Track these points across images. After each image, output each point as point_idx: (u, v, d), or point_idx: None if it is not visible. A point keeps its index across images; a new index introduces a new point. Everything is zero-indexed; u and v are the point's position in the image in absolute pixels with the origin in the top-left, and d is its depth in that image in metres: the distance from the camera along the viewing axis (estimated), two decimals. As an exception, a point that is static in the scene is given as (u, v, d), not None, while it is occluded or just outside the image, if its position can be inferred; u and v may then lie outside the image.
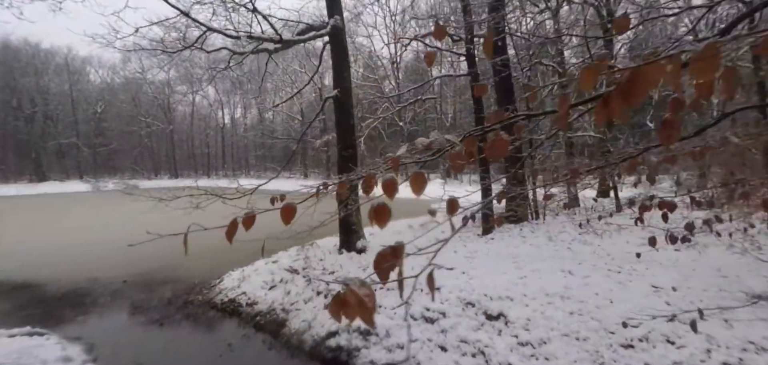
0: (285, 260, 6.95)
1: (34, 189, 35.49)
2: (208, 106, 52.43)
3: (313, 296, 5.57)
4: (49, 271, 8.54)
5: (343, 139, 6.53)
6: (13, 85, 40.22)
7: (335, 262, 6.17)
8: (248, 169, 50.70)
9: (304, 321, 5.20)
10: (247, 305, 6.08)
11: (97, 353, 4.77)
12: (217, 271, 8.21)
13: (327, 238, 8.59)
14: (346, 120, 6.54)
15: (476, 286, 4.59)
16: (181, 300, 6.68)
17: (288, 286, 6.00)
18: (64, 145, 43.93)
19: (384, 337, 4.43)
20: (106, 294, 7.13)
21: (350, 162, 6.54)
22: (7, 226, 16.36)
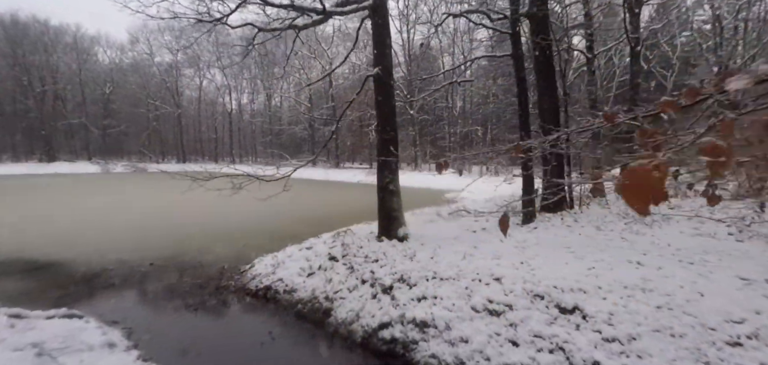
0: (320, 247, 6.69)
1: (45, 169, 35.49)
2: (216, 91, 52.03)
3: (357, 284, 5.30)
4: (73, 252, 8.34)
5: (385, 121, 6.19)
6: (22, 62, 40.00)
7: (377, 250, 5.89)
8: (256, 156, 50.48)
9: (350, 310, 4.94)
10: (285, 292, 5.83)
11: (136, 338, 4.54)
12: (244, 257, 8.00)
13: (360, 225, 8.34)
14: (388, 100, 6.19)
15: (541, 277, 4.29)
16: (213, 286, 6.45)
17: (328, 274, 5.74)
18: (73, 125, 43.85)
19: (444, 330, 4.16)
20: (135, 277, 6.92)
21: (392, 145, 6.21)
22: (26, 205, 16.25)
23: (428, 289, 4.72)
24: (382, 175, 6.26)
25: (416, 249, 5.71)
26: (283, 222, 12.07)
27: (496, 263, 4.84)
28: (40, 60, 41.56)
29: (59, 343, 3.35)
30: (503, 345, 3.75)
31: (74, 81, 44.62)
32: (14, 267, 7.31)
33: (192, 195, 12.11)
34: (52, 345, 3.24)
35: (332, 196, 17.58)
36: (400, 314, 4.54)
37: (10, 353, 2.85)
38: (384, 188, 6.24)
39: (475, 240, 6.17)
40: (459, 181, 27.63)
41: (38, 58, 41.46)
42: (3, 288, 6.02)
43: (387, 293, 4.94)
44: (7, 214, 13.71)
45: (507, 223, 1.67)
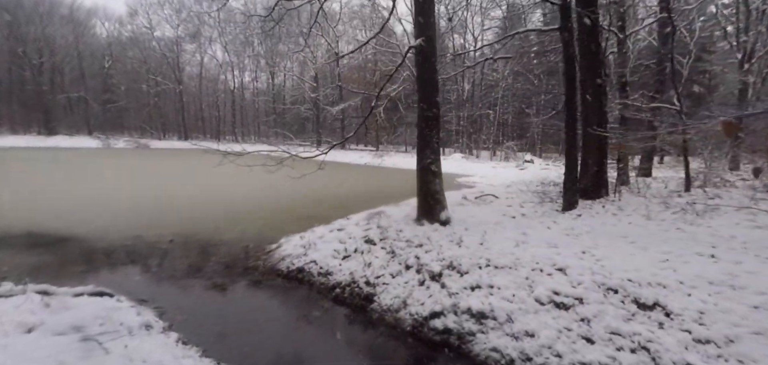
0: (352, 229, 6.37)
1: (44, 142, 34.85)
2: (218, 67, 51.04)
3: (401, 270, 5.00)
4: (88, 226, 8.00)
5: (427, 97, 5.78)
6: (18, 32, 38.93)
7: (419, 234, 5.56)
8: (259, 135, 49.86)
9: (396, 297, 4.65)
10: (320, 275, 5.53)
11: (169, 319, 4.24)
12: (265, 236, 7.71)
13: (392, 206, 8.02)
14: (431, 74, 5.76)
15: (611, 269, 3.99)
16: (240, 265, 6.15)
17: (366, 257, 5.43)
18: (72, 99, 43.03)
19: (505, 322, 3.87)
20: (156, 254, 6.60)
21: (434, 123, 5.83)
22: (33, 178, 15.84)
23: (482, 278, 4.41)
24: (423, 155, 5.89)
25: (462, 235, 5.39)
26: (297, 202, 11.74)
27: (555, 252, 4.53)
28: (37, 31, 40.43)
29: (98, 325, 3.03)
30: (576, 341, 3.46)
31: (72, 54, 43.54)
32: (29, 240, 6.97)
33: (199, 172, 11.55)
34: (92, 327, 2.92)
35: (343, 177, 17.19)
36: (453, 303, 4.25)
37: (54, 337, 2.54)
38: (425, 169, 5.87)
39: (520, 226, 5.86)
40: (467, 165, 27.32)
41: (34, 29, 40.32)
42: (20, 262, 5.69)
43: (436, 280, 4.64)
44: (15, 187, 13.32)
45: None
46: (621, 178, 9.65)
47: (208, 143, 41.73)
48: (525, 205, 7.65)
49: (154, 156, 30.75)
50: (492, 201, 8.73)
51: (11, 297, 3.24)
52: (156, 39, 46.88)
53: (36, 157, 25.16)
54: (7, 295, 3.27)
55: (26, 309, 2.83)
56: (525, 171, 22.87)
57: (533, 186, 11.53)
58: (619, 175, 9.76)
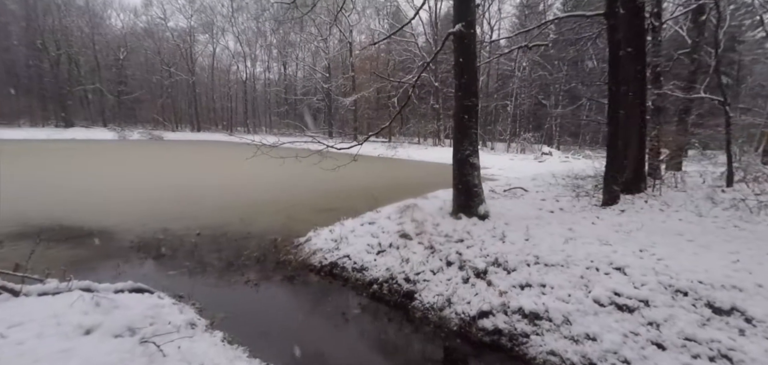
0: (384, 222, 6.19)
1: (62, 134, 35.37)
2: (230, 58, 51.07)
3: (442, 266, 4.81)
4: (115, 219, 7.99)
5: (466, 86, 5.52)
6: (36, 24, 39.37)
7: (459, 229, 5.36)
8: (270, 126, 49.92)
9: (439, 295, 4.47)
10: (355, 270, 5.38)
11: (210, 316, 4.13)
12: (291, 229, 7.61)
13: (421, 199, 7.83)
14: (470, 61, 5.49)
15: (677, 270, 3.74)
16: (271, 260, 6.04)
17: (403, 253, 5.25)
18: (88, 91, 43.55)
19: (562, 324, 3.67)
20: (185, 247, 6.53)
21: (473, 113, 5.58)
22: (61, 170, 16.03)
23: (532, 276, 4.21)
24: (461, 147, 5.65)
25: (504, 230, 5.17)
26: (318, 194, 11.63)
27: (610, 250, 4.29)
28: (54, 23, 40.83)
29: (149, 325, 2.92)
30: (645, 347, 3.24)
31: (88, 45, 43.91)
32: (61, 233, 6.96)
33: (216, 163, 11.49)
34: (143, 327, 2.80)
35: (359, 170, 16.93)
36: (502, 302, 4.06)
37: (113, 340, 2.42)
38: (463, 161, 5.64)
39: (562, 221, 5.61)
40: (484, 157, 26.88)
41: (51, 20, 40.72)
42: (56, 256, 5.66)
43: (481, 277, 4.45)
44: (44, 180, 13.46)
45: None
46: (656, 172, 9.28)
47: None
48: (560, 199, 7.37)
49: (169, 148, 30.98)
50: (522, 194, 8.46)
51: (59, 295, 3.15)
52: (170, 29, 47.04)
53: (57, 148, 25.53)
54: (55, 292, 3.18)
55: (79, 308, 2.72)
56: (543, 163, 22.41)
57: (560, 179, 11.21)
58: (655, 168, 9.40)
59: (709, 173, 9.89)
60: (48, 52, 40.01)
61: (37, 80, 40.73)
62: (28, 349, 2.17)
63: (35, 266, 3.91)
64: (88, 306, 2.78)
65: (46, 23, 40.09)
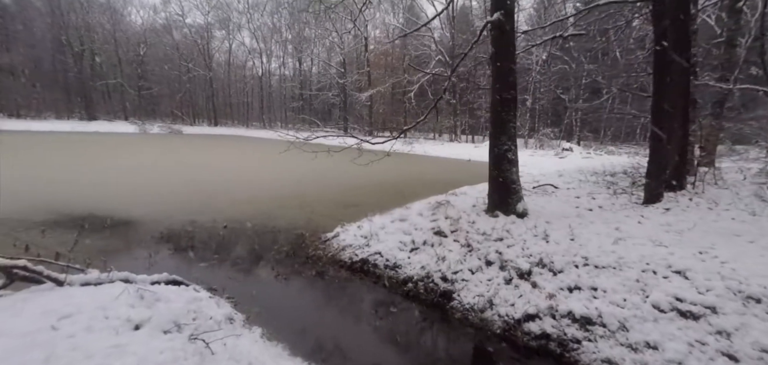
0: (416, 219, 6.03)
1: (86, 127, 36.26)
2: (246, 54, 51.51)
3: (481, 265, 4.63)
4: (143, 210, 8.04)
5: (503, 77, 5.30)
6: (61, 21, 40.36)
7: (497, 227, 5.16)
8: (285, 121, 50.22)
9: (479, 295, 4.29)
10: (387, 267, 5.23)
11: (246, 311, 4.05)
12: (317, 224, 7.53)
13: (450, 195, 7.64)
14: (508, 53, 5.26)
15: (746, 274, 3.48)
16: (301, 255, 5.94)
17: (438, 250, 5.08)
18: (109, 85, 44.53)
19: (617, 330, 3.45)
20: (213, 240, 6.50)
21: (511, 106, 5.35)
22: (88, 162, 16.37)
23: (582, 278, 3.99)
24: (498, 141, 5.43)
25: (546, 228, 4.96)
26: (340, 189, 11.54)
27: (666, 252, 4.04)
28: (78, 19, 41.80)
29: (192, 319, 2.83)
30: (714, 358, 3.00)
31: (109, 41, 44.85)
32: (93, 223, 7.02)
33: (235, 157, 11.44)
34: (187, 322, 2.72)
35: (377, 166, 16.70)
36: (550, 305, 3.85)
37: (162, 336, 2.34)
38: (501, 156, 5.42)
39: (605, 219, 5.35)
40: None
41: (75, 17, 41.69)
42: (90, 245, 5.66)
43: (525, 279, 4.25)
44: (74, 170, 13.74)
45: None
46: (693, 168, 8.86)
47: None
48: (596, 197, 7.07)
49: (189, 141, 31.43)
50: (553, 191, 8.18)
51: (101, 285, 3.09)
52: (187, 26, 47.68)
53: (82, 140, 26.14)
54: (96, 283, 3.12)
55: (125, 301, 2.65)
56: (564, 159, 21.88)
57: (588, 175, 10.85)
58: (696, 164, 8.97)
59: (745, 169, 9.43)
60: (72, 47, 41.00)
61: (62, 75, 41.78)
62: (81, 343, 2.09)
63: (72, 255, 3.89)
64: (133, 299, 2.71)
65: (70, 20, 41.04)
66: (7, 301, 2.49)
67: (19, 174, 11.88)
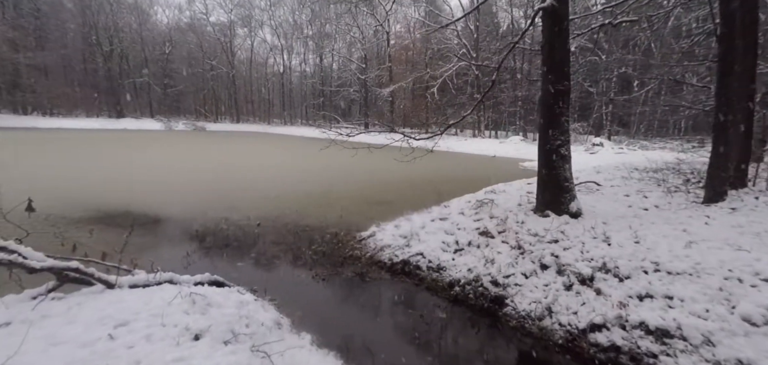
0: (457, 218, 5.76)
1: (115, 125, 37.41)
2: (268, 51, 52.04)
3: (535, 269, 4.32)
4: (177, 207, 8.08)
5: (556, 67, 4.94)
6: (91, 21, 41.68)
7: (549, 227, 4.83)
8: (306, 118, 50.54)
9: (535, 302, 3.99)
10: (430, 270, 4.99)
11: (289, 313, 3.88)
12: (350, 222, 7.36)
13: (489, 193, 7.33)
14: (562, 42, 4.90)
15: None
16: (337, 255, 5.77)
17: (485, 252, 4.80)
18: (137, 84, 45.81)
19: (701, 345, 3.10)
20: (248, 239, 6.40)
21: (564, 98, 4.99)
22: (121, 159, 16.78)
23: (653, 285, 3.64)
24: (550, 136, 5.08)
25: (604, 230, 4.61)
26: (369, 185, 11.36)
27: (751, 257, 3.64)
28: (107, 20, 43.10)
29: (244, 326, 2.68)
30: (829, 381, 2.63)
31: (136, 40, 46.11)
32: (129, 220, 7.05)
33: (261, 153, 11.27)
34: (242, 330, 2.56)
35: (399, 163, 16.35)
36: (619, 315, 3.53)
37: (224, 348, 2.17)
38: (553, 152, 5.08)
39: (667, 220, 4.95)
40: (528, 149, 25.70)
41: (104, 17, 43.01)
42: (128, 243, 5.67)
43: (587, 285, 3.93)
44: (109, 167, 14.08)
45: None
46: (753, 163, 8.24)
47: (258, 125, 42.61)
48: (648, 195, 6.61)
49: (213, 138, 31.96)
50: (597, 189, 7.74)
51: (148, 287, 2.98)
52: (211, 24, 48.50)
53: (112, 137, 26.93)
54: (144, 285, 3.02)
55: (179, 307, 2.51)
56: (595, 155, 21.08)
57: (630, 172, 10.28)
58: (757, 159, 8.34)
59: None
60: (101, 47, 42.32)
61: (92, 74, 43.21)
62: (142, 355, 1.95)
63: (112, 252, 3.81)
64: (186, 304, 2.57)
65: (100, 20, 42.35)
66: (61, 305, 2.39)
67: (56, 171, 12.23)
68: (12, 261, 2.33)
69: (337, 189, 10.77)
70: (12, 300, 2.43)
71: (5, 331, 2.06)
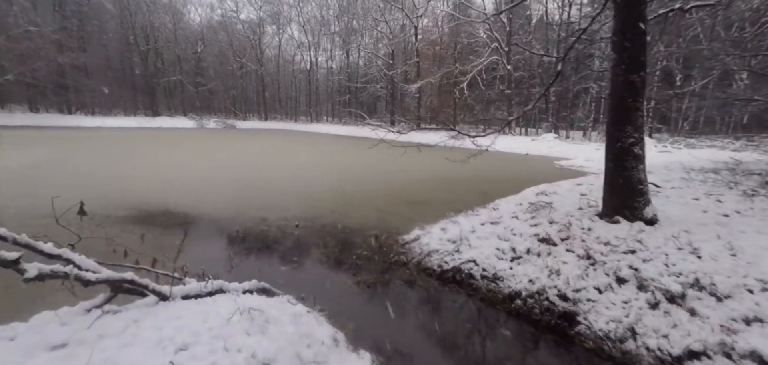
0: (511, 222, 5.35)
1: (151, 123, 38.80)
2: (296, 48, 52.56)
3: (610, 283, 3.87)
4: (215, 206, 8.06)
5: (630, 56, 4.42)
6: (129, 21, 43.37)
7: (622, 235, 4.35)
8: (332, 115, 50.75)
9: (615, 321, 3.55)
10: (485, 279, 4.62)
11: (341, 326, 3.63)
12: (389, 224, 7.09)
13: (537, 195, 6.87)
14: (635, 30, 4.39)
15: None
16: (382, 260, 5.48)
17: (548, 261, 4.38)
18: (170, 82, 47.38)
19: (837, 384, 2.59)
20: (288, 240, 6.23)
21: (639, 91, 4.48)
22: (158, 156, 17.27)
23: (762, 307, 3.14)
24: (622, 133, 4.57)
25: (690, 239, 4.09)
26: (403, 184, 11.04)
27: None
28: (144, 19, 44.73)
29: (306, 346, 2.43)
30: None
31: (171, 39, 47.67)
32: (169, 219, 7.08)
33: (289, 153, 10.95)
34: (305, 352, 2.31)
35: (432, 160, 15.84)
36: (722, 341, 3.05)
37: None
38: (625, 151, 4.57)
39: (758, 228, 4.36)
40: (562, 147, 24.64)
41: (141, 17, 44.69)
42: (169, 244, 5.61)
43: (677, 304, 3.45)
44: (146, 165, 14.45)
45: None
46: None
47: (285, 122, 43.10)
48: (723, 199, 5.95)
49: (244, 135, 32.55)
50: (657, 191, 7.09)
51: (201, 299, 2.79)
52: (241, 21, 49.49)
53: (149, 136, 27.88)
54: (196, 295, 2.83)
55: (239, 327, 2.29)
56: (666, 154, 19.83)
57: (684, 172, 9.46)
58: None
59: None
60: (138, 46, 44.00)
61: (129, 73, 45.05)
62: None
63: (149, 252, 3.68)
64: (246, 323, 2.34)
65: (137, 20, 44.02)
66: (117, 323, 2.21)
67: (98, 170, 12.61)
68: (68, 273, 2.17)
69: (370, 188, 10.52)
70: (66, 314, 2.28)
71: (63, 353, 1.90)
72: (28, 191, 8.58)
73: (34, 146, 18.09)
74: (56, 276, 2.13)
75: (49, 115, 35.81)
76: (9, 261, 2.01)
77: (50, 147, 18.14)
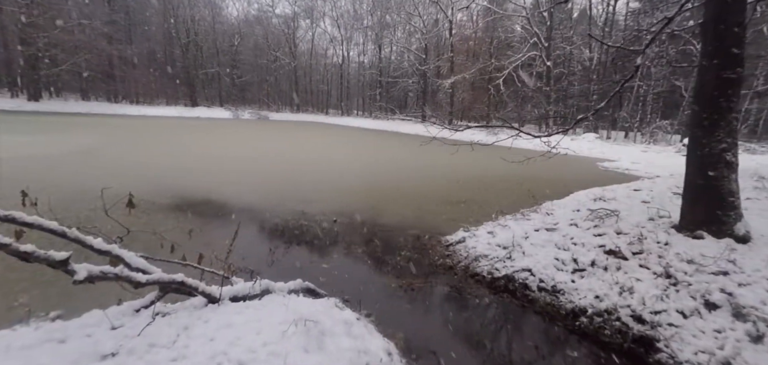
0: (570, 230, 4.90)
1: (190, 113, 40.27)
2: (328, 42, 52.91)
3: (697, 307, 3.39)
4: (255, 196, 8.09)
5: (724, 48, 3.84)
6: (172, 14, 45.12)
7: (709, 253, 3.83)
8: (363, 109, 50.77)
9: (706, 353, 3.08)
10: (542, 291, 4.23)
11: (390, 334, 3.37)
12: (429, 223, 6.82)
13: (590, 200, 6.34)
14: (735, 16, 3.81)
15: None
16: (426, 262, 5.20)
17: (617, 277, 3.93)
18: (209, 74, 48.98)
19: None
20: (327, 236, 6.05)
21: (732, 90, 3.91)
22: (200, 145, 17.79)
23: None
24: (712, 137, 3.99)
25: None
26: (440, 183, 10.67)
27: None
28: (185, 13, 46.38)
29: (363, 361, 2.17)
30: None
31: (209, 32, 49.21)
32: (211, 209, 7.11)
33: (324, 145, 10.52)
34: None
35: (467, 158, 15.20)
36: None
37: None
38: (715, 157, 4.00)
39: None
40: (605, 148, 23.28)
41: (183, 11, 46.36)
42: (212, 237, 5.58)
43: (787, 339, 2.94)
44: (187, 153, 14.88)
45: None
46: None
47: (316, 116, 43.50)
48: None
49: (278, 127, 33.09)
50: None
51: (249, 301, 2.62)
52: (276, 16, 50.36)
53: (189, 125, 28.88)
54: (245, 297, 2.66)
55: (296, 341, 2.09)
56: (690, 157, 18.36)
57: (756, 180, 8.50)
58: None
59: None
60: (179, 39, 45.69)
61: (171, 65, 46.92)
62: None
63: (196, 247, 3.56)
64: (302, 335, 2.14)
65: (179, 13, 45.71)
66: (167, 330, 2.06)
67: (141, 158, 13.04)
68: (118, 275, 2.03)
69: (408, 185, 10.22)
70: (116, 314, 2.17)
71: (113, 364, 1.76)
72: (78, 177, 8.93)
73: (89, 132, 19.07)
74: (106, 277, 2.00)
75: (98, 103, 37.90)
76: (58, 262, 1.89)
77: (102, 133, 19.05)
